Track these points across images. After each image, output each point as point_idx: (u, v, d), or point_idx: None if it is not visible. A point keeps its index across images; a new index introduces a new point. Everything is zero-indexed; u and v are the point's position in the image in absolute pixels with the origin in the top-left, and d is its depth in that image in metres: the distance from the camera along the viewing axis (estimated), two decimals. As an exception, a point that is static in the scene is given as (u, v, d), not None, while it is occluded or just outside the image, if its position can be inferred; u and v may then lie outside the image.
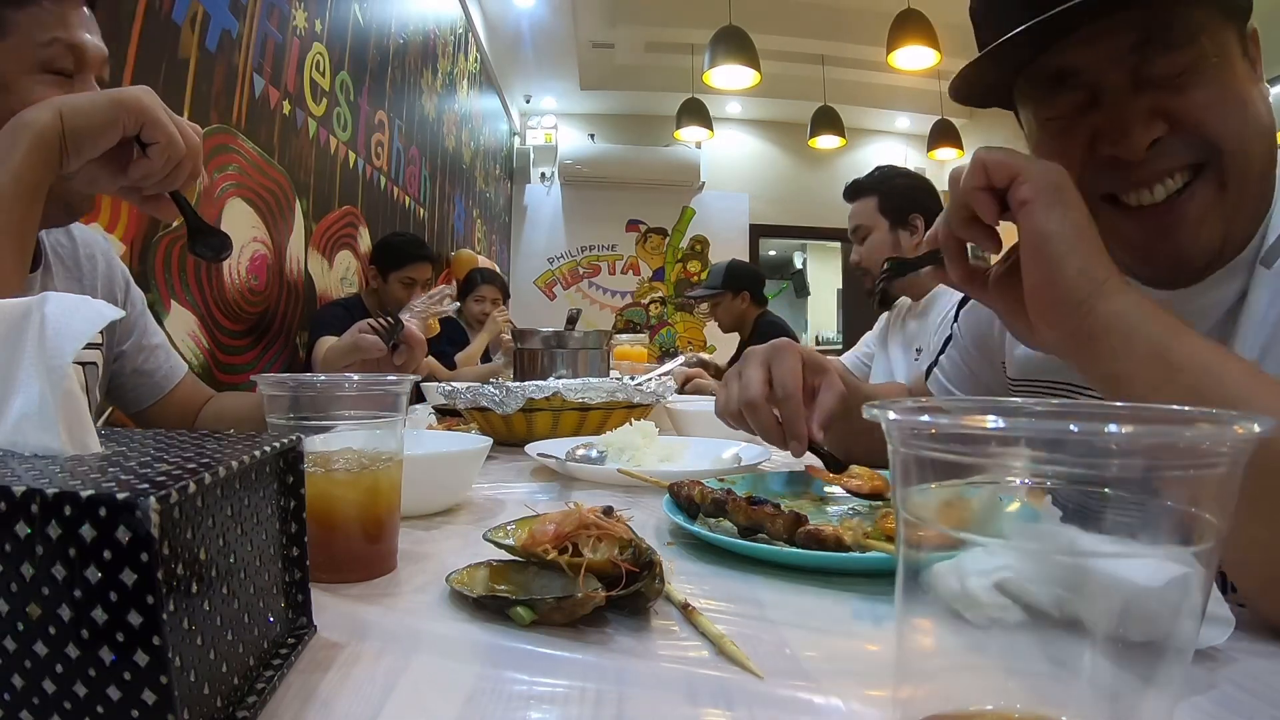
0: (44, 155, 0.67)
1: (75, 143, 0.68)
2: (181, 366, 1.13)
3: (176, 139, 0.71)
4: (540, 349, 1.53)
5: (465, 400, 1.13)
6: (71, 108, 0.68)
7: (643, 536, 0.48)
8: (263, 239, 2.11)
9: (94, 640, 0.25)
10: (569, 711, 0.34)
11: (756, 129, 6.88)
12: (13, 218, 0.66)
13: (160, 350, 1.10)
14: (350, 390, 0.54)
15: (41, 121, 0.67)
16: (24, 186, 0.66)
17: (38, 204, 0.68)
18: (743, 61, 3.95)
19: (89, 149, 0.69)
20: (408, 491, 0.57)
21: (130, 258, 1.54)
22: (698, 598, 0.47)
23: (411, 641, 0.41)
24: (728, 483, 0.71)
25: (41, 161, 0.67)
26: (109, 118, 0.68)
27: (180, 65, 1.67)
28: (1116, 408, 0.31)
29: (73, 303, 0.36)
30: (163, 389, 1.09)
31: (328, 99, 2.50)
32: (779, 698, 0.35)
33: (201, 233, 0.79)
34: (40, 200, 0.68)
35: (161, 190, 0.75)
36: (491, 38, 5.14)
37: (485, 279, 3.47)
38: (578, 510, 0.49)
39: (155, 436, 0.38)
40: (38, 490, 0.25)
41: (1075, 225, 0.53)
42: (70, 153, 0.68)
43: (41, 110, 0.67)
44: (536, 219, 6.75)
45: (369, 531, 0.52)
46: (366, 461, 0.52)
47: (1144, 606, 0.24)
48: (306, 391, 0.54)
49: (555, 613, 0.42)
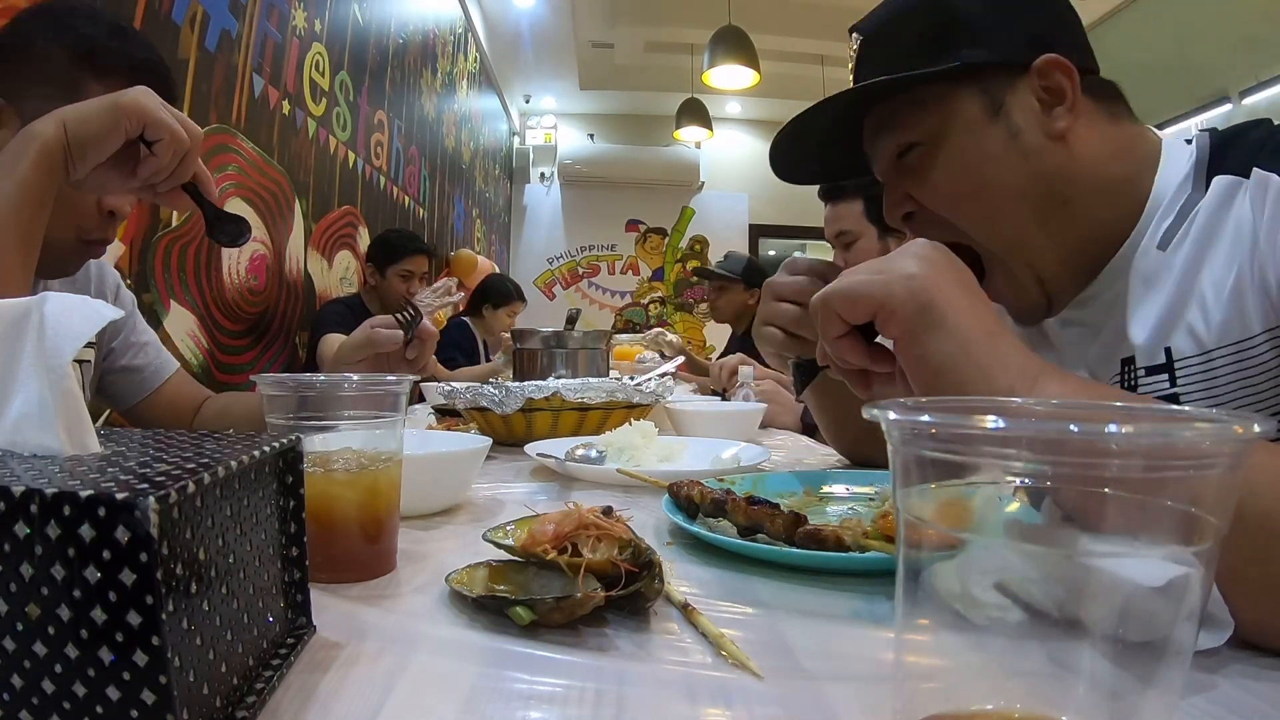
0: (49, 164, 0.68)
1: (80, 150, 0.69)
2: (171, 363, 1.14)
3: (180, 133, 0.72)
4: (540, 349, 1.53)
5: (465, 400, 1.13)
6: (75, 116, 0.69)
7: (642, 536, 0.48)
8: (262, 239, 2.11)
9: (93, 640, 0.25)
10: (568, 712, 0.34)
11: (756, 129, 6.88)
12: (20, 226, 0.68)
13: (149, 347, 1.12)
14: (350, 390, 0.54)
15: (46, 132, 0.68)
16: (30, 195, 0.67)
17: (44, 212, 0.70)
18: (742, 61, 3.95)
19: (94, 155, 0.70)
20: (408, 491, 0.57)
21: (130, 258, 1.54)
22: (698, 598, 0.47)
23: (411, 642, 0.41)
24: (727, 483, 0.71)
25: (47, 170, 0.68)
26: (110, 122, 0.69)
27: (180, 65, 1.67)
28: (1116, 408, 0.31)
29: (72, 303, 0.36)
30: (150, 385, 1.10)
31: (327, 99, 2.50)
32: (779, 698, 0.35)
33: (219, 219, 0.80)
34: (47, 209, 0.70)
35: (173, 185, 0.76)
36: (491, 38, 5.14)
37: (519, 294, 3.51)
38: (577, 510, 0.49)
39: (155, 436, 0.38)
40: (37, 490, 0.25)
41: (961, 345, 0.46)
42: (75, 160, 0.69)
43: (46, 121, 0.69)
44: (536, 219, 6.75)
45: (368, 532, 0.52)
46: (366, 461, 0.52)
47: (1143, 607, 0.24)
48: (306, 391, 0.53)
49: (554, 613, 0.42)
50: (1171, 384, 0.59)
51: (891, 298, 0.47)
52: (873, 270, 0.49)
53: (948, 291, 0.47)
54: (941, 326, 0.46)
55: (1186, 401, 0.58)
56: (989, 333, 0.47)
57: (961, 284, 0.49)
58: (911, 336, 0.47)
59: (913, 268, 0.48)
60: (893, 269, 0.48)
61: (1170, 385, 0.59)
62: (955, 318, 0.46)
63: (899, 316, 0.47)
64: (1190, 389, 0.58)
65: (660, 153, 6.58)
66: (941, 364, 0.46)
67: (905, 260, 0.48)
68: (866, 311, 0.48)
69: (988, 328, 0.47)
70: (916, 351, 0.47)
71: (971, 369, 0.45)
